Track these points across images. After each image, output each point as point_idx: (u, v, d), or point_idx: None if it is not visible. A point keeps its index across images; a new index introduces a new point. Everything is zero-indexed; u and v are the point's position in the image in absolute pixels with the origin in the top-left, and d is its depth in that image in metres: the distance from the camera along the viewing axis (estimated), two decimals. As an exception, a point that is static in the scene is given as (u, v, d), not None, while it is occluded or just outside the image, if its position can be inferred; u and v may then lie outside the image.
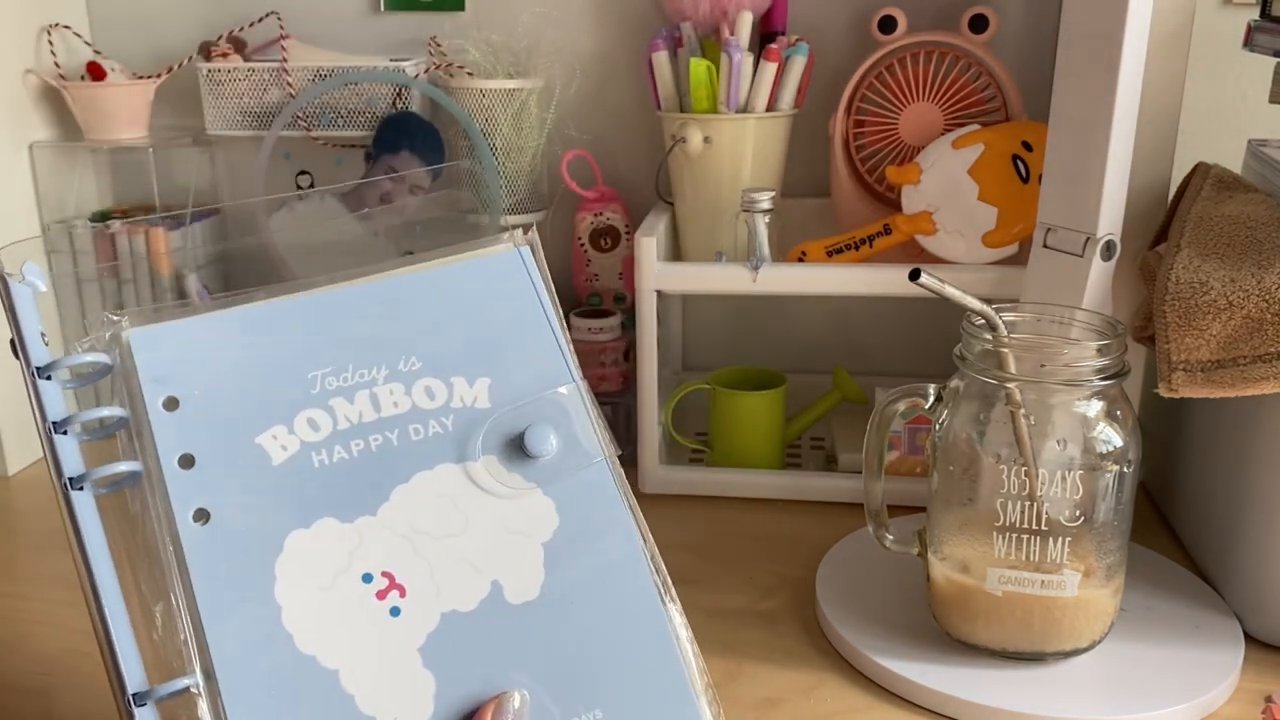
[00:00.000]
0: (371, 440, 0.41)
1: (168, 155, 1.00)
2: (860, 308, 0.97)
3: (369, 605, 0.39)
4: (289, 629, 0.39)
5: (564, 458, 0.42)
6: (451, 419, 0.42)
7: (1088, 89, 0.65)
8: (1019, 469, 0.56)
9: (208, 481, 0.40)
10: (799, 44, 0.84)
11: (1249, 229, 0.62)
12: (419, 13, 0.96)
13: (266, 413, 0.41)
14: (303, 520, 0.40)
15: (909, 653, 0.60)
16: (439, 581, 0.40)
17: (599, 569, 0.41)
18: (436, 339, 0.44)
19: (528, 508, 0.42)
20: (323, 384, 0.42)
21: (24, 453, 0.92)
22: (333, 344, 0.43)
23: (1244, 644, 0.61)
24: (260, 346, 0.42)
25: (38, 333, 0.42)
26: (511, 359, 0.44)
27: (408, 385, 0.42)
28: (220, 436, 0.41)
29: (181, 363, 0.42)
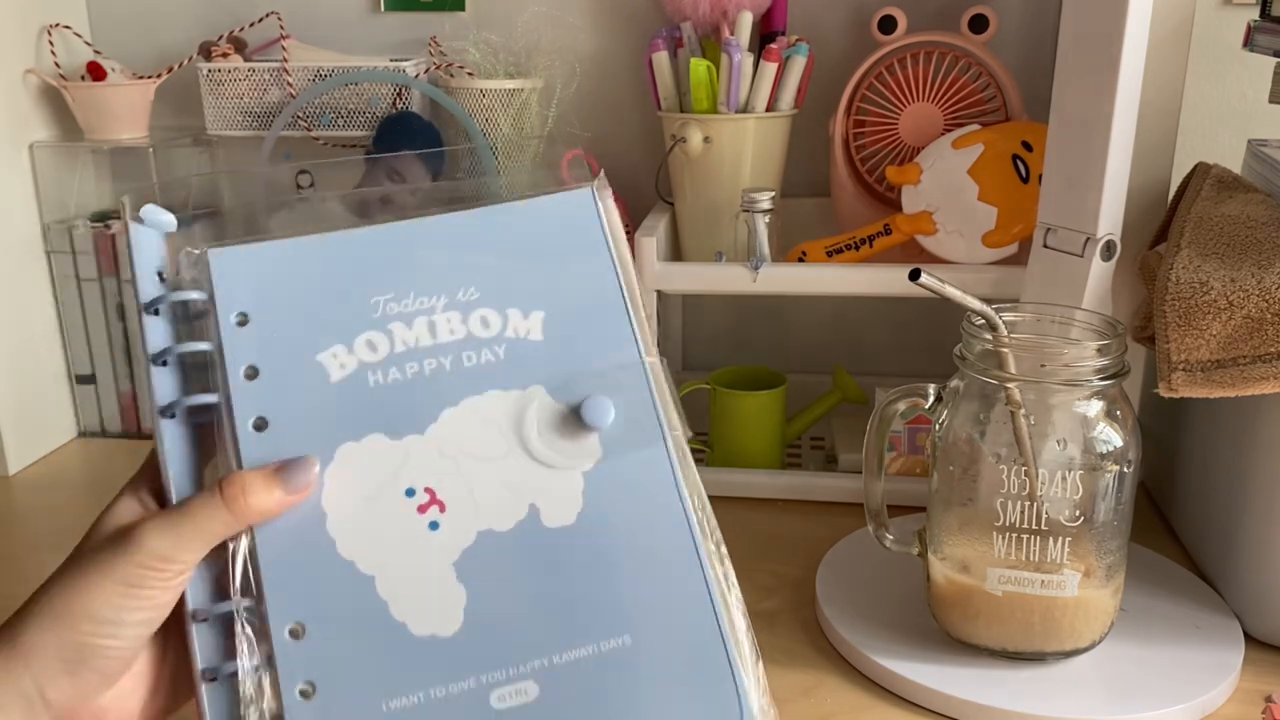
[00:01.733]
0: (425, 364, 0.43)
1: (168, 155, 1.00)
2: (860, 308, 0.97)
3: (409, 518, 0.41)
4: (332, 534, 0.41)
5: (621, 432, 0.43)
6: (504, 348, 0.44)
7: (1088, 89, 0.65)
8: (1019, 469, 0.56)
9: (268, 393, 0.43)
10: (799, 44, 0.84)
11: (1249, 229, 0.62)
12: (419, 13, 0.96)
13: (328, 332, 0.44)
14: (354, 434, 0.42)
15: (909, 653, 0.60)
16: (478, 501, 0.42)
17: (636, 502, 0.42)
18: (496, 271, 0.45)
19: (569, 432, 0.43)
20: (384, 309, 0.44)
21: (24, 453, 0.92)
22: (396, 272, 0.45)
23: (1244, 644, 0.61)
24: (328, 271, 0.45)
25: (153, 270, 0.45)
26: (569, 295, 0.45)
27: (465, 314, 0.44)
28: (284, 352, 0.43)
29: (254, 282, 0.45)
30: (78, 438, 0.99)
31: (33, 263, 0.94)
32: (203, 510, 0.40)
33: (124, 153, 1.00)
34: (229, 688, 0.40)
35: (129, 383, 0.97)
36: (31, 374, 0.93)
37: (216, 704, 0.40)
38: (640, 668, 0.40)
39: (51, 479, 0.91)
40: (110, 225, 0.94)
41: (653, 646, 0.40)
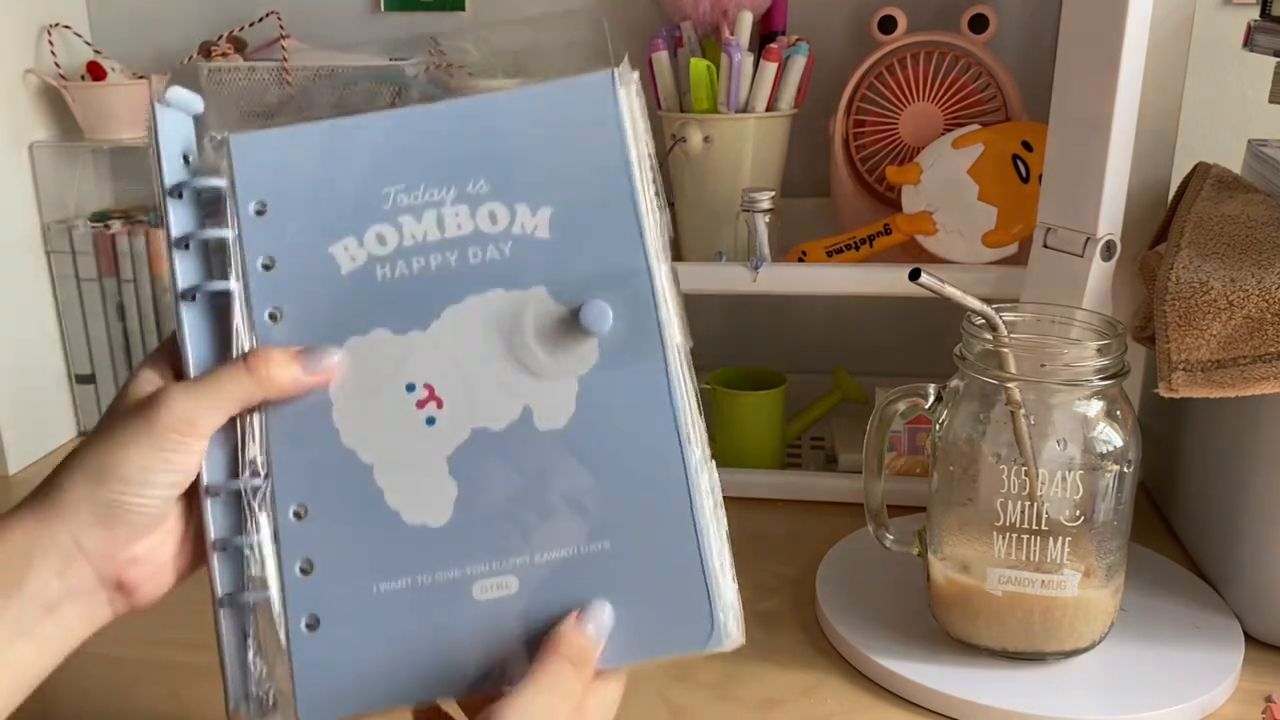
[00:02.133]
0: (432, 259, 0.44)
1: (168, 155, 1.00)
2: (860, 308, 0.97)
3: (408, 412, 0.42)
4: (336, 424, 0.43)
5: (620, 338, 0.43)
6: (510, 245, 0.43)
7: (1088, 89, 0.65)
8: (1019, 469, 0.56)
9: (283, 284, 0.44)
10: (799, 44, 0.84)
11: (1249, 229, 0.62)
12: (419, 12, 0.96)
13: (341, 224, 0.44)
14: (360, 328, 0.43)
15: (909, 653, 0.60)
16: (474, 399, 0.43)
17: (628, 411, 0.43)
18: (507, 162, 0.44)
19: (567, 336, 0.43)
20: (394, 200, 0.44)
21: (24, 453, 0.92)
22: (409, 161, 0.45)
23: (1244, 644, 0.61)
24: (344, 158, 0.45)
25: (178, 153, 0.46)
26: (578, 192, 0.44)
27: (473, 208, 0.44)
28: (299, 243, 0.44)
29: (273, 170, 0.45)
30: (77, 437, 0.99)
31: (32, 262, 0.93)
32: (227, 377, 0.42)
33: (124, 152, 1.00)
34: (237, 558, 0.42)
35: (129, 383, 0.97)
36: (31, 374, 0.93)
37: (225, 573, 0.42)
38: (617, 574, 0.41)
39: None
40: (110, 225, 0.94)
41: (630, 555, 0.41)
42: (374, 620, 0.41)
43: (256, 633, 0.42)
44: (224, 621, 0.42)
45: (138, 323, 0.95)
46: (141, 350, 0.96)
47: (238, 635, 0.42)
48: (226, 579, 0.42)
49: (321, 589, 0.42)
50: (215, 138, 0.46)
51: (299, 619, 0.42)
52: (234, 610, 0.42)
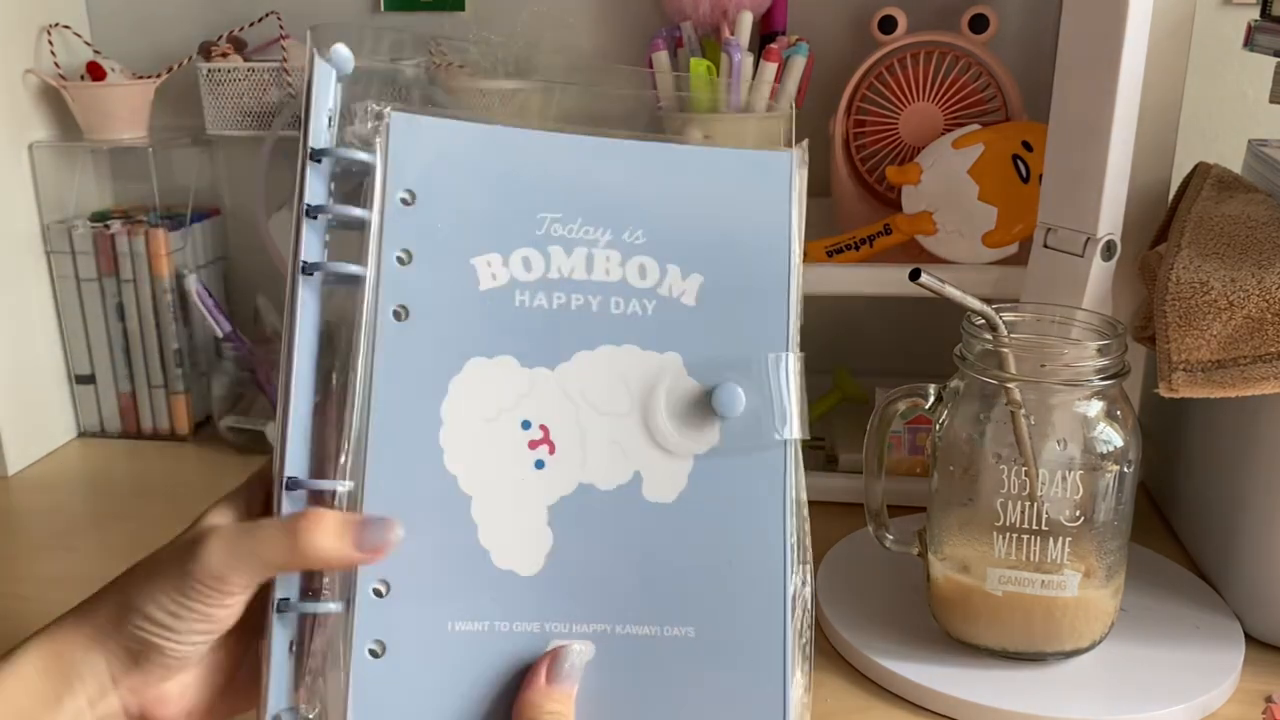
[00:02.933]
0: (574, 299, 0.41)
1: (167, 155, 1.00)
2: (860, 308, 0.97)
3: (519, 450, 0.40)
4: (442, 444, 0.40)
5: (745, 425, 0.41)
6: (654, 304, 0.42)
7: (1088, 89, 0.64)
8: (1019, 469, 0.56)
9: (416, 283, 0.41)
10: (799, 44, 0.84)
11: (1249, 229, 0.62)
12: (419, 13, 0.96)
13: (489, 237, 0.41)
14: (487, 350, 0.41)
15: (909, 653, 0.60)
16: (588, 452, 0.41)
17: (739, 499, 0.41)
18: (668, 219, 0.42)
19: (692, 411, 0.42)
20: (548, 228, 0.42)
21: (24, 453, 0.92)
22: (571, 191, 0.42)
23: (1244, 644, 0.61)
24: (505, 169, 0.42)
25: (325, 115, 0.42)
26: (733, 267, 0.42)
27: (625, 256, 0.42)
28: (442, 244, 0.41)
29: (429, 159, 0.42)
30: (77, 438, 0.99)
31: (32, 263, 0.93)
32: (268, 534, 0.39)
33: (123, 153, 1.00)
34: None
35: (129, 383, 0.97)
36: (31, 374, 0.93)
37: (286, 581, 0.40)
38: (695, 662, 0.40)
39: (51, 479, 0.91)
40: (110, 225, 0.94)
41: (713, 646, 0.40)
42: (443, 659, 0.39)
43: (309, 645, 0.40)
44: (275, 628, 0.40)
45: (137, 323, 0.95)
46: (141, 350, 0.96)
47: (285, 645, 0.40)
48: (286, 582, 0.40)
49: (394, 615, 0.39)
50: (374, 109, 0.42)
51: (364, 642, 0.39)
52: (289, 617, 0.40)
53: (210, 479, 0.91)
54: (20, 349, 0.92)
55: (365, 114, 0.42)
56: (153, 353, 0.96)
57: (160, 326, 0.95)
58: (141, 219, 0.96)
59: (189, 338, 0.97)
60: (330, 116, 0.42)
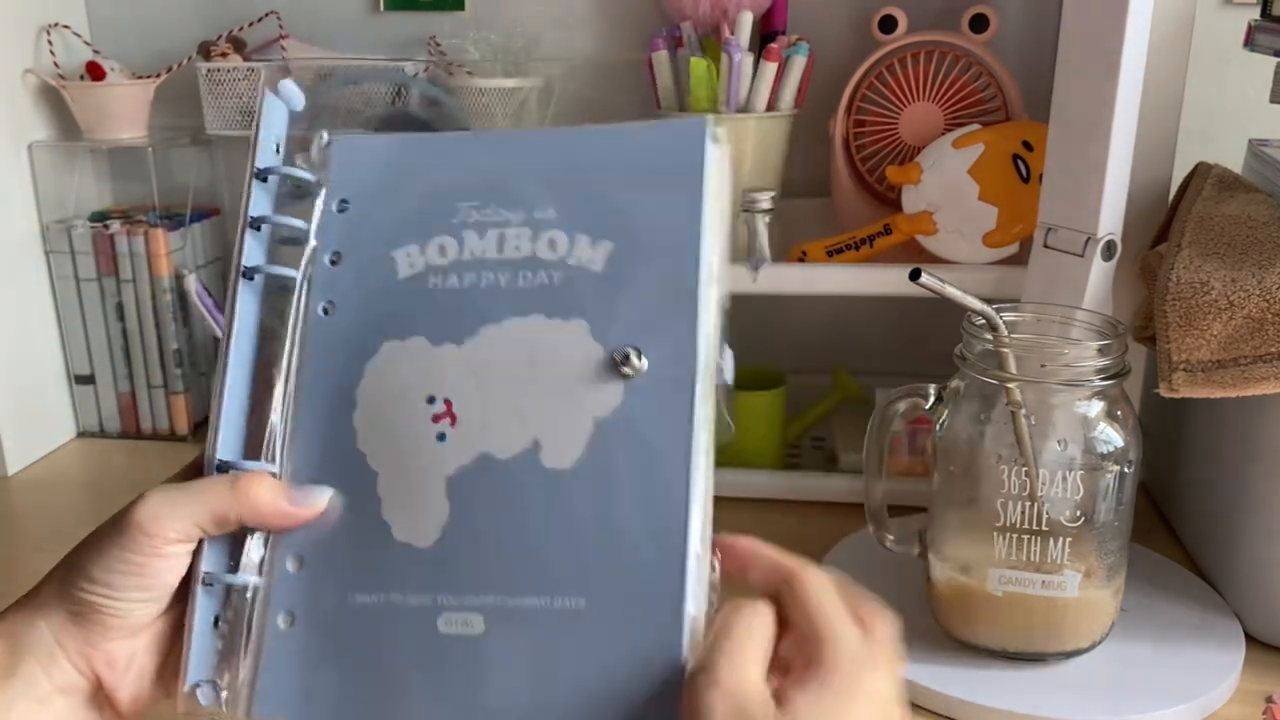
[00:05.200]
0: (484, 277, 0.43)
1: (167, 155, 1.00)
2: (860, 308, 0.97)
3: (423, 425, 0.41)
4: (355, 425, 0.42)
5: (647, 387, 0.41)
6: (560, 274, 0.42)
7: (1088, 89, 0.64)
8: (1019, 469, 0.56)
9: (343, 280, 0.44)
10: (799, 44, 0.84)
11: (1250, 229, 0.62)
12: (418, 12, 0.96)
13: (410, 230, 0.44)
14: (400, 333, 0.43)
15: (910, 654, 0.60)
16: (488, 422, 0.41)
17: (638, 470, 0.40)
18: (580, 194, 0.44)
19: (588, 361, 0.41)
20: (463, 215, 0.44)
21: (24, 452, 0.92)
22: (489, 182, 0.44)
23: (1245, 644, 0.61)
24: (430, 170, 0.45)
25: (272, 140, 0.46)
26: (643, 234, 0.42)
27: (535, 232, 0.43)
28: (367, 242, 0.44)
29: (364, 171, 0.46)
30: (77, 438, 0.99)
31: (32, 263, 0.93)
32: (208, 486, 0.41)
33: (123, 152, 1.00)
34: (229, 540, 0.42)
35: (128, 383, 0.97)
36: (30, 374, 0.93)
37: (214, 553, 0.42)
38: (587, 634, 0.39)
39: (50, 479, 0.91)
40: (109, 225, 0.94)
41: (606, 618, 0.39)
42: (344, 630, 0.40)
43: (230, 617, 0.41)
44: (200, 599, 0.41)
45: (137, 322, 0.95)
46: (141, 350, 0.96)
47: (209, 618, 0.41)
48: (214, 559, 0.42)
49: (307, 587, 0.41)
50: (323, 137, 0.46)
51: (278, 613, 0.41)
52: (214, 590, 0.41)
53: (210, 479, 0.91)
54: (20, 349, 0.92)
55: (318, 141, 0.46)
56: (152, 352, 0.96)
57: (160, 326, 0.95)
58: (141, 219, 0.96)
59: (188, 337, 0.97)
60: (278, 143, 0.46)
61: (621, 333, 0.41)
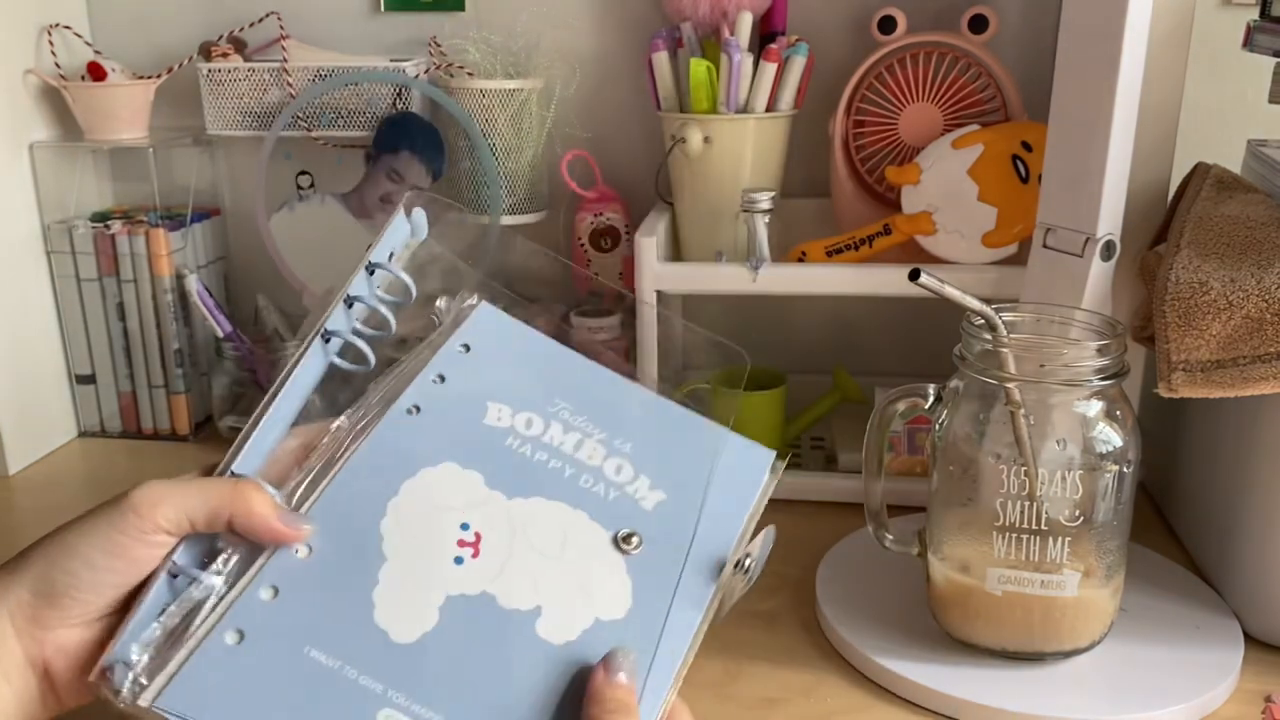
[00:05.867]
0: (553, 461, 0.49)
1: (168, 155, 1.00)
2: (860, 308, 0.97)
3: (447, 542, 0.45)
4: (388, 509, 0.46)
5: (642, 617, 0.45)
6: (616, 495, 0.48)
7: (1088, 89, 0.65)
8: (1019, 469, 0.56)
9: (439, 396, 0.50)
10: (799, 44, 0.84)
11: (1249, 229, 0.62)
12: (419, 13, 0.96)
13: (509, 395, 0.50)
14: (464, 460, 0.48)
15: (909, 653, 0.60)
16: (506, 571, 0.45)
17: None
18: (661, 452, 0.50)
19: (611, 584, 0.46)
20: (558, 410, 0.50)
21: (25, 452, 0.92)
22: (590, 398, 0.51)
23: (1244, 644, 0.61)
24: (547, 363, 0.53)
25: (388, 249, 0.52)
26: (689, 508, 0.49)
27: (609, 452, 0.50)
28: (471, 382, 0.51)
29: (493, 336, 0.53)
30: (78, 438, 0.99)
31: (33, 263, 0.94)
32: (209, 482, 0.44)
33: (124, 153, 1.00)
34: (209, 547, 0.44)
35: (129, 383, 0.97)
36: (31, 374, 0.94)
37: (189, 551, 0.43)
38: None
39: (51, 479, 0.91)
40: (110, 225, 0.94)
41: None
42: (284, 673, 0.41)
43: (174, 612, 0.42)
44: (158, 585, 0.42)
45: (138, 323, 0.95)
46: (142, 350, 0.96)
47: (159, 606, 0.42)
48: (186, 556, 0.43)
49: (270, 618, 0.42)
50: (473, 298, 0.53)
51: (230, 628, 0.42)
52: (176, 582, 0.42)
53: (210, 479, 0.91)
54: (21, 349, 0.92)
55: (460, 297, 0.53)
56: (153, 353, 0.96)
57: (160, 326, 0.95)
58: (142, 219, 0.96)
59: (189, 338, 0.97)
60: (392, 252, 0.52)
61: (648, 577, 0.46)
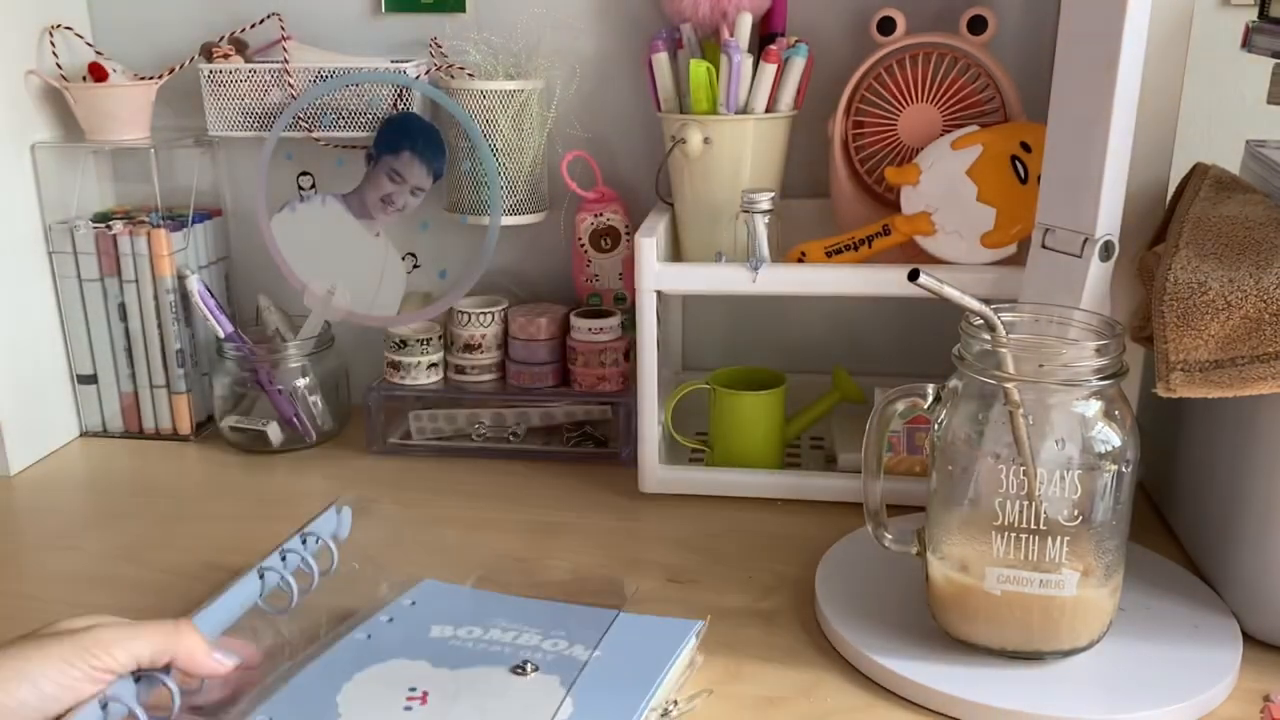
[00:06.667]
0: (494, 646, 0.61)
1: (169, 156, 1.00)
2: (860, 308, 0.98)
3: (398, 700, 0.56)
4: (344, 687, 0.57)
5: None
6: (554, 656, 0.60)
7: (1086, 89, 0.65)
8: (1018, 469, 0.57)
9: (390, 630, 0.63)
10: (798, 45, 0.84)
11: (1247, 229, 0.62)
12: (420, 14, 0.96)
13: (451, 619, 0.64)
14: (411, 655, 0.60)
15: (908, 652, 0.61)
16: (453, 704, 0.55)
17: None
18: (585, 630, 0.62)
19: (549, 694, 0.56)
20: (495, 625, 0.63)
21: (27, 452, 0.93)
22: (522, 618, 0.64)
23: (1242, 643, 0.61)
24: (480, 605, 0.66)
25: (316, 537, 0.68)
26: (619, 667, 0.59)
27: (544, 636, 0.62)
28: (416, 620, 0.64)
29: (435, 595, 0.67)
30: (79, 437, 0.99)
31: (34, 263, 0.94)
32: (154, 624, 0.52)
33: (125, 153, 1.00)
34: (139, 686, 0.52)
35: (130, 383, 0.98)
36: (33, 374, 0.94)
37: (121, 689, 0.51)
38: None
39: (53, 479, 0.91)
40: (111, 226, 0.94)
41: None
42: None
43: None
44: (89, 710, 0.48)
45: (139, 323, 0.96)
46: (143, 350, 0.96)
47: None
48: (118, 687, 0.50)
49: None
50: (421, 582, 0.68)
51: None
52: (107, 711, 0.49)
53: (211, 478, 0.91)
54: (23, 349, 0.92)
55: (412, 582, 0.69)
56: (154, 353, 0.96)
57: (162, 327, 0.95)
58: (143, 219, 0.96)
59: (190, 338, 0.97)
60: (319, 538, 0.68)
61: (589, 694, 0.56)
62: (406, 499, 0.85)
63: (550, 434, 0.95)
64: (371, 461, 0.93)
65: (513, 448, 0.94)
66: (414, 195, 0.92)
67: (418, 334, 0.94)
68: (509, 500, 0.85)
